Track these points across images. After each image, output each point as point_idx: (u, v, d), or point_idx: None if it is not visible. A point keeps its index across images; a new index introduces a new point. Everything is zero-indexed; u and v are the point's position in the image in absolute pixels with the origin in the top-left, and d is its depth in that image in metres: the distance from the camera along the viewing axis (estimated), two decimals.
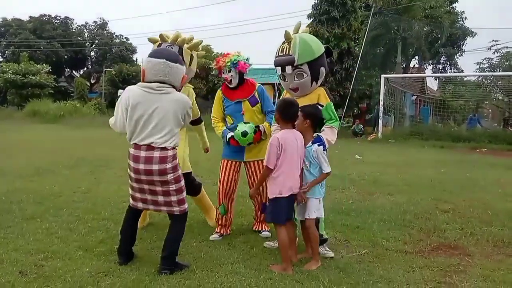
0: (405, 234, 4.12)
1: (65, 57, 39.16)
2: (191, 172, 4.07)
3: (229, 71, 3.90)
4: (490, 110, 29.60)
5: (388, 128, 17.91)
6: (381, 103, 17.10)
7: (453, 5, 25.96)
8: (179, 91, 3.20)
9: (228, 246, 3.69)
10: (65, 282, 2.85)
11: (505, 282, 3.01)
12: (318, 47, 3.53)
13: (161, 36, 3.84)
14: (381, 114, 17.16)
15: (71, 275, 2.95)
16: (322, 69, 3.55)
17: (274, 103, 4.04)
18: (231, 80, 3.92)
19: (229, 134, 3.87)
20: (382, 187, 6.48)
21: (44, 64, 30.99)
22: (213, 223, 4.17)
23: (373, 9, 20.14)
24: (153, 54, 3.11)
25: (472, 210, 5.10)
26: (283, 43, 3.55)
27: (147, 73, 3.04)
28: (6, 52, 38.22)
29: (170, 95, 3.05)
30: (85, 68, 42.87)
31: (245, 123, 3.84)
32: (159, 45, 3.80)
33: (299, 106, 3.32)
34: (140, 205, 3.17)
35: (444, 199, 5.68)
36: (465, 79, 26.06)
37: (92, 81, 41.36)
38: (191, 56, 3.93)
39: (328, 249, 3.55)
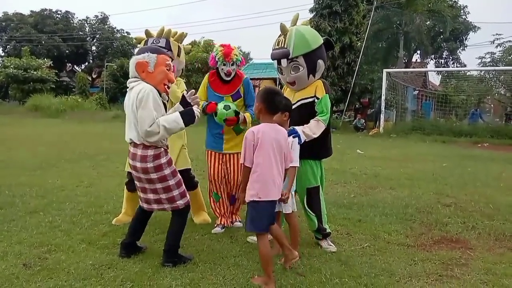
0: (407, 228, 4.13)
1: (67, 51, 39.11)
2: (190, 168, 4.08)
3: (232, 65, 3.87)
4: (492, 105, 29.52)
5: (390, 123, 17.88)
6: (383, 97, 17.07)
7: None
8: (149, 83, 2.99)
9: (231, 240, 3.70)
10: (69, 274, 2.87)
11: (506, 275, 3.02)
12: (314, 39, 3.45)
13: (146, 32, 3.97)
14: (383, 108, 17.14)
15: (75, 267, 2.97)
16: (320, 61, 3.45)
17: None
18: (231, 74, 3.90)
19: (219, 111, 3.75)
20: (383, 181, 6.49)
21: (45, 59, 31.00)
22: (199, 220, 4.17)
23: (375, 3, 20.05)
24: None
25: (473, 204, 5.11)
26: (280, 36, 3.51)
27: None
28: (8, 46, 38.20)
29: (134, 88, 2.99)
30: (87, 63, 42.81)
31: (226, 104, 3.80)
32: (146, 41, 3.88)
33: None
34: (145, 206, 3.17)
35: (445, 193, 5.69)
36: (467, 73, 26.00)
37: (94, 76, 41.30)
38: (179, 47, 3.99)
39: (331, 243, 3.56)
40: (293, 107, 3.26)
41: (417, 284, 2.88)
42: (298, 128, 3.26)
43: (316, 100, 3.43)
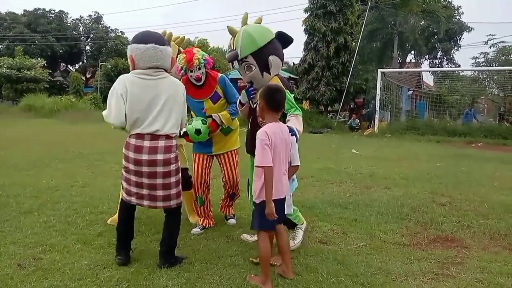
0: (403, 227, 4.14)
1: (60, 51, 38.97)
2: (187, 168, 4.06)
3: (199, 69, 3.72)
4: (485, 105, 29.69)
5: (385, 123, 17.95)
6: (378, 97, 17.12)
7: None
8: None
9: (227, 239, 3.70)
10: (64, 274, 2.85)
11: (502, 274, 3.04)
12: (262, 36, 3.31)
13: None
14: (377, 108, 17.19)
15: (70, 267, 2.95)
16: (272, 58, 3.29)
17: None
18: (201, 78, 3.76)
19: (183, 130, 3.59)
20: (379, 181, 6.50)
21: (39, 59, 30.88)
22: (195, 220, 4.14)
23: (369, 3, 20.12)
24: (139, 40, 2.96)
25: (468, 203, 5.13)
26: (231, 38, 3.48)
27: (138, 61, 2.94)
28: (1, 46, 37.93)
29: (166, 79, 3.00)
30: (81, 63, 42.69)
31: (195, 120, 3.75)
32: None
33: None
34: (133, 200, 3.02)
35: (440, 193, 5.71)
36: (461, 73, 26.13)
37: (88, 76, 41.17)
38: (179, 50, 4.00)
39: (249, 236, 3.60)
40: (255, 106, 3.29)
41: (413, 283, 2.89)
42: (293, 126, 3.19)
43: None
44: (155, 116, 2.91)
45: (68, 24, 41.55)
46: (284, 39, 3.42)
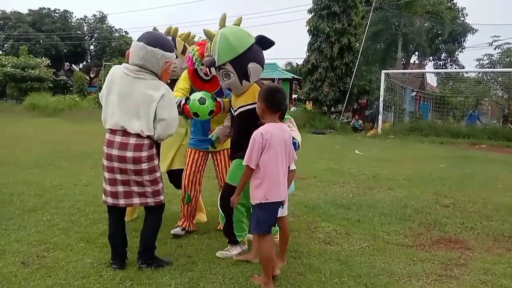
0: (406, 228, 4.14)
1: (65, 50, 39.05)
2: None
3: (202, 65, 3.55)
4: (489, 107, 29.60)
5: (388, 124, 17.91)
6: (381, 98, 17.09)
7: (454, 1, 25.94)
8: (166, 81, 2.98)
9: None
10: (67, 272, 2.85)
11: (505, 276, 3.03)
12: (241, 42, 3.11)
13: (154, 30, 3.87)
14: (381, 109, 17.15)
15: (73, 266, 2.96)
16: (251, 65, 3.11)
17: None
18: (210, 72, 3.63)
19: (183, 101, 3.43)
20: (382, 182, 6.50)
21: (43, 58, 30.94)
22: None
23: (374, 4, 20.09)
24: (139, 37, 2.97)
25: (472, 205, 5.12)
26: (208, 42, 3.30)
27: (130, 56, 2.94)
28: (5, 45, 38.07)
29: (144, 82, 2.85)
30: (85, 62, 42.76)
31: (198, 92, 3.45)
32: None
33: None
34: (109, 200, 2.95)
35: (444, 194, 5.70)
36: (465, 75, 26.03)
37: (92, 75, 41.27)
38: (184, 45, 3.94)
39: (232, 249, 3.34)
40: (234, 114, 3.22)
41: (417, 284, 2.88)
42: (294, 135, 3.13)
43: None
44: (125, 113, 2.83)
45: (73, 24, 41.66)
46: (264, 43, 3.24)
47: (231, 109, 3.33)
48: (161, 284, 2.72)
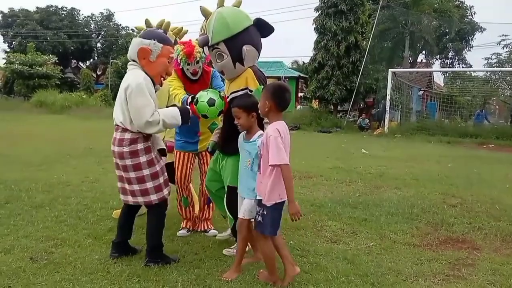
0: (413, 228, 4.11)
1: (72, 48, 39.20)
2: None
3: (197, 63, 3.52)
4: (497, 106, 29.40)
5: (395, 123, 17.84)
6: (388, 97, 17.01)
7: None
8: (147, 71, 2.89)
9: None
10: (75, 268, 2.87)
11: None
12: (237, 22, 2.98)
13: (146, 22, 3.82)
14: (387, 108, 17.08)
15: (81, 261, 2.98)
16: (246, 47, 2.96)
17: None
18: (198, 72, 3.58)
19: (190, 99, 3.30)
20: (388, 181, 6.47)
21: (50, 55, 31.10)
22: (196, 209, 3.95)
23: (381, 2, 19.98)
24: None
25: (480, 204, 5.08)
26: (204, 20, 3.13)
27: None
28: (13, 42, 38.31)
29: (129, 71, 2.91)
30: (92, 60, 42.90)
31: (205, 91, 3.26)
32: None
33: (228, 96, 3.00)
34: (120, 195, 3.04)
35: (451, 194, 5.66)
36: (473, 74, 25.88)
37: (98, 73, 41.41)
38: (176, 41, 3.79)
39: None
40: (229, 100, 3.08)
41: (424, 283, 2.87)
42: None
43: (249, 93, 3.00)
44: (115, 106, 2.94)
45: (80, 21, 41.79)
46: (263, 27, 3.08)
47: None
48: (168, 281, 2.72)
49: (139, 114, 2.76)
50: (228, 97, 3.11)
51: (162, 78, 2.99)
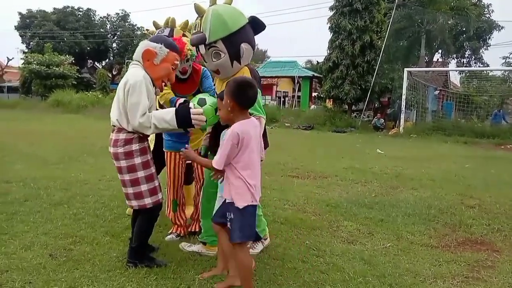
0: (430, 229, 4.07)
1: (88, 48, 39.70)
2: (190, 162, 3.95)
3: (187, 61, 3.39)
4: None
5: (410, 123, 17.63)
6: (404, 97, 16.82)
7: None
8: (149, 73, 2.82)
9: None
10: (94, 265, 2.91)
11: None
12: (234, 20, 2.96)
13: (154, 23, 3.89)
14: (403, 108, 16.90)
15: (99, 259, 3.02)
16: (244, 45, 2.96)
17: (293, 96, 3.65)
18: (187, 71, 3.44)
19: (181, 100, 3.15)
20: (405, 182, 6.40)
21: (67, 55, 31.58)
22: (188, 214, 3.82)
23: (396, 1, 19.76)
24: None
25: (498, 206, 5.00)
26: (197, 18, 3.08)
27: None
28: (31, 43, 38.96)
29: (128, 71, 2.86)
30: (107, 60, 43.37)
31: (200, 98, 3.00)
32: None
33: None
34: (126, 201, 2.96)
35: (469, 195, 5.58)
36: (490, 73, 25.42)
37: (114, 73, 41.83)
38: (184, 35, 3.76)
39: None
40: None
41: (443, 285, 2.83)
42: None
43: None
44: (112, 105, 2.85)
45: (96, 22, 42.27)
46: (257, 25, 3.07)
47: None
48: (185, 279, 2.74)
49: (133, 112, 2.70)
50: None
51: (163, 83, 2.93)
